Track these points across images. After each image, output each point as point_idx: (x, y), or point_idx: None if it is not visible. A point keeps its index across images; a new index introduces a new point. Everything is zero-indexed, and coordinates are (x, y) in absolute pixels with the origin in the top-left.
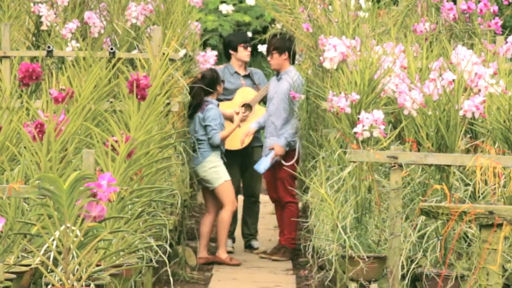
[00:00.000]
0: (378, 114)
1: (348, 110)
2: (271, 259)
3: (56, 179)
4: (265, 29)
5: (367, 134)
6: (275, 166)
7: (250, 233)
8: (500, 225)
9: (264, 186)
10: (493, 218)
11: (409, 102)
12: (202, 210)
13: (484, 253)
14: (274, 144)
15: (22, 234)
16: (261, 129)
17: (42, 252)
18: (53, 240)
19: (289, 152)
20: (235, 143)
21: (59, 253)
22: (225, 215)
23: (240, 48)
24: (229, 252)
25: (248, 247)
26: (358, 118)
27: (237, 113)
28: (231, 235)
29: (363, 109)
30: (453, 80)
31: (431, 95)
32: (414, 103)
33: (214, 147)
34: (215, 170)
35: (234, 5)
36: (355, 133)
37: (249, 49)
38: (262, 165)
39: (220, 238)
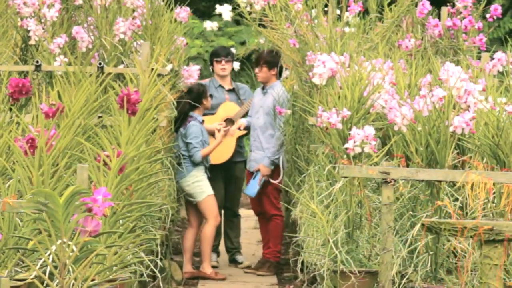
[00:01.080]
0: (369, 130)
1: (340, 125)
2: (256, 273)
3: (52, 194)
4: (249, 55)
5: (358, 150)
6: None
7: (233, 247)
8: (501, 241)
9: (246, 200)
10: (495, 234)
11: (399, 118)
12: (185, 224)
13: (486, 269)
14: (260, 165)
15: (19, 248)
16: (248, 131)
17: (38, 266)
18: (49, 254)
19: (274, 170)
20: (218, 157)
21: (55, 267)
22: (208, 230)
23: (214, 63)
24: (213, 267)
25: (233, 261)
26: (349, 134)
27: (219, 130)
28: (215, 249)
29: (354, 125)
30: (443, 96)
31: (421, 111)
32: (404, 119)
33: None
34: (198, 185)
35: (219, 29)
36: (347, 148)
37: (224, 62)
38: (252, 189)
39: (204, 253)
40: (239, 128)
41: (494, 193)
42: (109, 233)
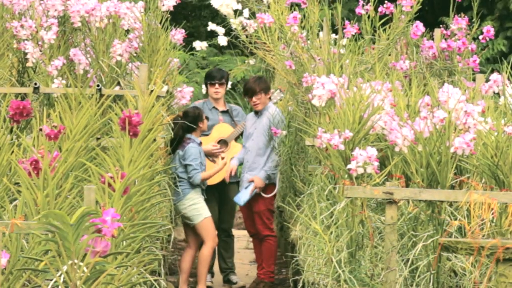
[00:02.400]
0: (372, 151)
1: (342, 147)
2: None
3: (62, 215)
4: (233, 86)
5: (361, 170)
6: (252, 200)
7: (227, 267)
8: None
9: (237, 220)
10: (510, 252)
11: (400, 139)
12: (177, 245)
13: (502, 287)
14: (254, 177)
15: (30, 269)
16: (241, 164)
17: (49, 287)
18: (61, 275)
19: (268, 185)
20: (212, 179)
21: (66, 287)
22: (206, 251)
23: (208, 85)
24: (208, 287)
25: (227, 281)
26: (352, 155)
27: (222, 158)
28: (210, 269)
29: (355, 146)
30: (444, 118)
31: (422, 132)
32: (405, 140)
33: (193, 184)
34: (195, 207)
35: (203, 58)
36: (349, 169)
37: (217, 86)
38: (242, 197)
39: (200, 274)
40: (230, 173)
41: (492, 213)
42: (116, 253)
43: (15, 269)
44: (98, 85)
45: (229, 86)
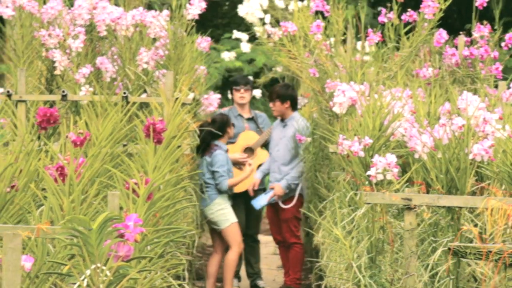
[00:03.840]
0: (391, 158)
1: (362, 153)
2: None
3: (85, 220)
4: (256, 75)
5: (380, 177)
6: (279, 208)
7: (254, 272)
8: None
9: (264, 226)
10: None
11: (419, 145)
12: (205, 250)
13: None
14: (276, 184)
15: (55, 273)
16: (265, 176)
17: None
18: (84, 279)
19: (288, 195)
20: (240, 186)
21: None
22: (232, 256)
23: (233, 91)
24: None
25: (254, 286)
26: (371, 161)
27: (250, 165)
28: (236, 274)
29: (375, 153)
30: (463, 125)
31: (441, 139)
32: (425, 147)
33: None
34: (222, 213)
35: (227, 50)
36: (369, 176)
37: (242, 91)
38: (259, 201)
39: (226, 278)
40: (253, 187)
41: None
42: (139, 258)
43: (41, 273)
44: (124, 93)
45: (258, 94)
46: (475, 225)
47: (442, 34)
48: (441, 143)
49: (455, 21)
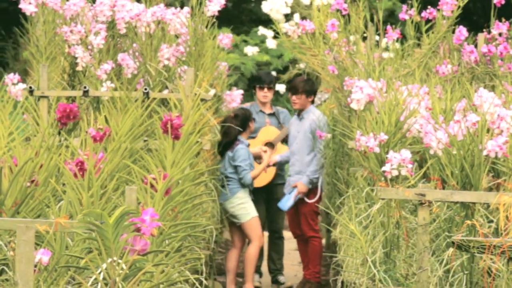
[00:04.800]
0: (406, 154)
1: (377, 149)
2: None
3: (102, 214)
4: (285, 69)
5: (395, 173)
6: (297, 202)
7: (276, 268)
8: None
9: (286, 222)
10: None
11: (434, 142)
12: (228, 246)
13: None
14: (298, 182)
15: (71, 266)
16: (284, 163)
17: (89, 283)
18: (100, 272)
19: (311, 189)
20: (260, 181)
21: (106, 284)
22: (253, 250)
23: (256, 89)
24: (256, 287)
25: (275, 282)
26: (387, 157)
27: (265, 151)
28: (257, 270)
29: (391, 149)
30: (477, 121)
31: (456, 136)
32: (440, 143)
33: (243, 184)
34: (243, 206)
35: (255, 44)
36: (384, 171)
37: (266, 90)
38: (286, 203)
39: (247, 273)
40: (269, 165)
41: None
42: (156, 252)
43: (58, 266)
44: (145, 88)
45: (282, 89)
46: (490, 221)
47: (462, 31)
48: (455, 140)
49: (480, 18)
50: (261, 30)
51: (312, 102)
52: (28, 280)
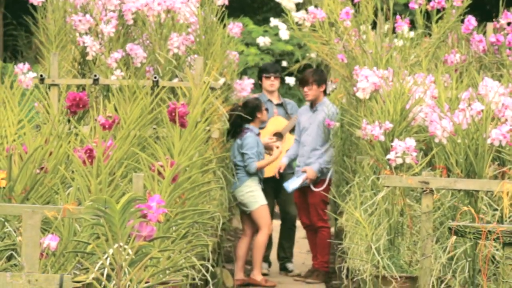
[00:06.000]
0: (410, 142)
1: (382, 138)
2: (305, 281)
3: (109, 200)
4: (303, 69)
5: (400, 161)
6: (307, 192)
7: (285, 256)
8: None
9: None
10: None
11: (439, 130)
12: (237, 234)
13: (508, 269)
14: (307, 168)
15: (78, 252)
16: (291, 161)
17: (96, 268)
18: (107, 257)
19: (319, 179)
20: (268, 171)
21: (112, 269)
22: (261, 238)
23: (263, 79)
24: (264, 275)
25: (283, 269)
26: (391, 146)
27: (277, 147)
28: (266, 259)
29: (396, 137)
30: (481, 110)
31: (461, 124)
32: (445, 132)
33: (248, 172)
34: (252, 195)
35: (275, 34)
36: (389, 159)
37: (272, 78)
38: (291, 184)
39: (255, 260)
40: (279, 170)
41: None
42: (162, 238)
43: (66, 251)
44: (155, 77)
45: (292, 81)
46: (495, 209)
47: (471, 20)
48: (460, 128)
49: (493, 7)
50: (273, 21)
51: (325, 92)
52: (34, 264)
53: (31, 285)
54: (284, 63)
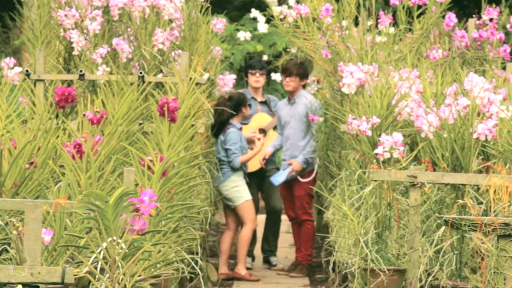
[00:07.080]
0: (398, 137)
1: (369, 132)
2: (288, 275)
3: (102, 195)
4: (278, 57)
5: (387, 155)
6: (293, 185)
7: (269, 249)
8: None
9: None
10: (510, 229)
11: (426, 125)
12: (219, 228)
13: (502, 260)
14: (293, 160)
15: (72, 246)
16: (276, 151)
17: (89, 262)
18: (100, 251)
19: (306, 170)
20: (252, 165)
21: (106, 263)
22: (246, 233)
23: (248, 75)
24: (248, 269)
25: (267, 262)
26: (379, 140)
27: (259, 139)
28: (250, 254)
29: (383, 132)
30: (467, 105)
31: (447, 119)
32: (431, 127)
33: (233, 167)
34: (237, 190)
35: (250, 31)
36: (376, 154)
37: (258, 75)
38: (278, 177)
39: (239, 255)
40: (264, 158)
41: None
42: (154, 232)
43: (59, 245)
44: (141, 72)
45: (278, 78)
46: (480, 203)
47: (452, 17)
48: (446, 123)
49: (470, 2)
50: (253, 12)
51: (304, 86)
52: (36, 256)
53: (34, 278)
54: (265, 57)
